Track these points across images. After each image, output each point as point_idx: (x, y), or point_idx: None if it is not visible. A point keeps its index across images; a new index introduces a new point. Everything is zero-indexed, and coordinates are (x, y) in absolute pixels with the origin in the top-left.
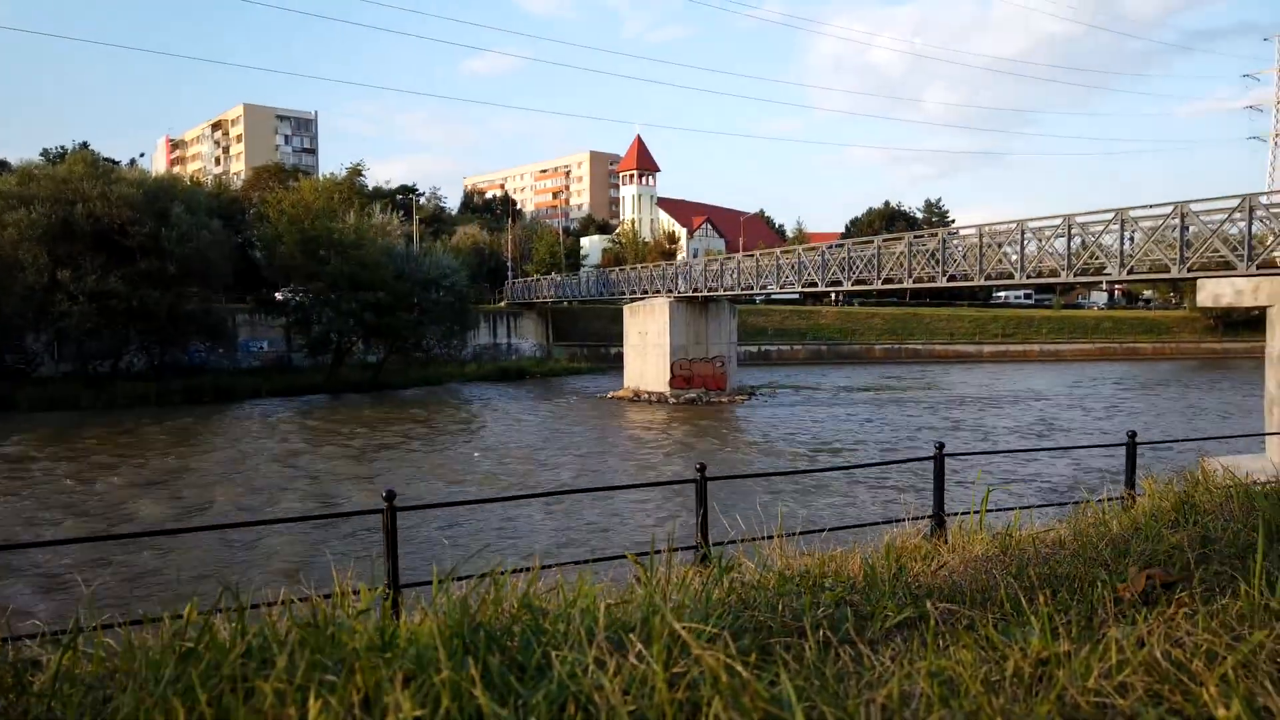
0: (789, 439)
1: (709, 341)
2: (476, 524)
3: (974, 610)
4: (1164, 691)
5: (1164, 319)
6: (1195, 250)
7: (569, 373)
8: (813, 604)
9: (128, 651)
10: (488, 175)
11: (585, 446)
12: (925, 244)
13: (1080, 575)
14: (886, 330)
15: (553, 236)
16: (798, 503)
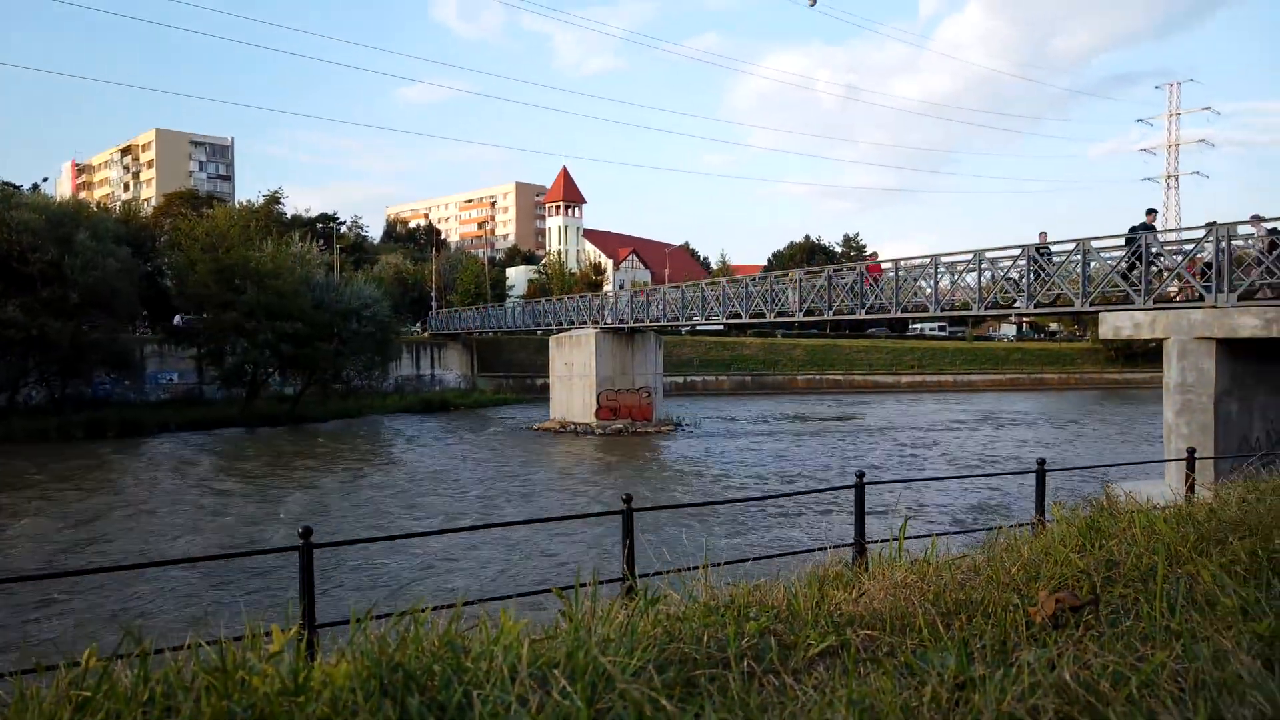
0: (715, 469)
1: (635, 373)
2: (397, 560)
3: (894, 637)
4: (1073, 713)
5: (1069, 350)
6: (1096, 285)
7: (494, 404)
8: (737, 635)
9: (19, 703)
10: (411, 204)
11: (510, 479)
12: (845, 277)
13: (994, 600)
14: (808, 361)
15: (478, 267)
16: (724, 532)
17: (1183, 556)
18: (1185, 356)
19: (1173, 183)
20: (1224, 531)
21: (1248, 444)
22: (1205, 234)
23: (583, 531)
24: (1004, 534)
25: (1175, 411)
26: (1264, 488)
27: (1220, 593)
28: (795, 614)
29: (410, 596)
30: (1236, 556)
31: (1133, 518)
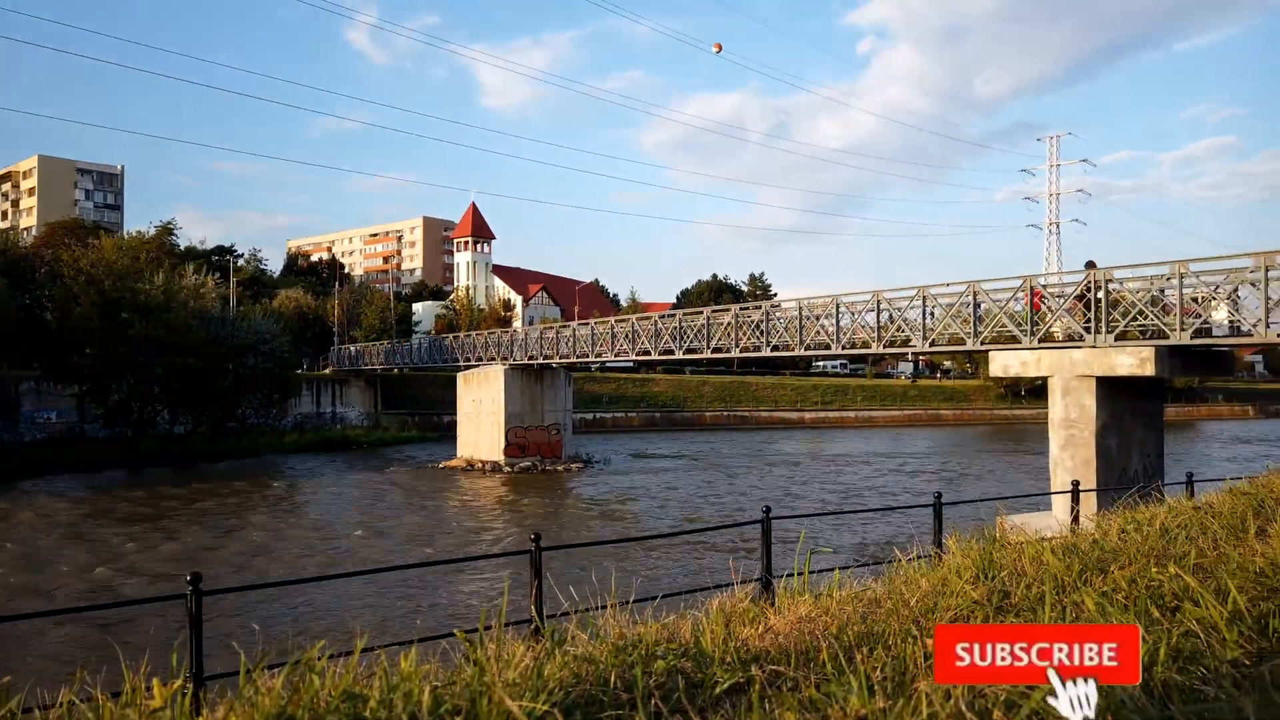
0: (625, 506)
1: (544, 409)
2: (292, 607)
3: (798, 671)
4: None
5: (962, 388)
6: (987, 325)
7: (399, 442)
8: (645, 674)
9: None
10: (314, 238)
11: (414, 519)
12: (751, 315)
13: (894, 632)
14: (717, 398)
15: (383, 301)
16: (635, 569)
17: (1068, 585)
18: (1068, 393)
19: (1054, 229)
20: (1105, 561)
21: (1126, 476)
22: (1084, 279)
23: (490, 572)
24: (903, 567)
25: (1060, 446)
26: (1141, 518)
27: (1102, 620)
28: (703, 651)
29: (305, 644)
30: (1117, 585)
31: (1022, 549)
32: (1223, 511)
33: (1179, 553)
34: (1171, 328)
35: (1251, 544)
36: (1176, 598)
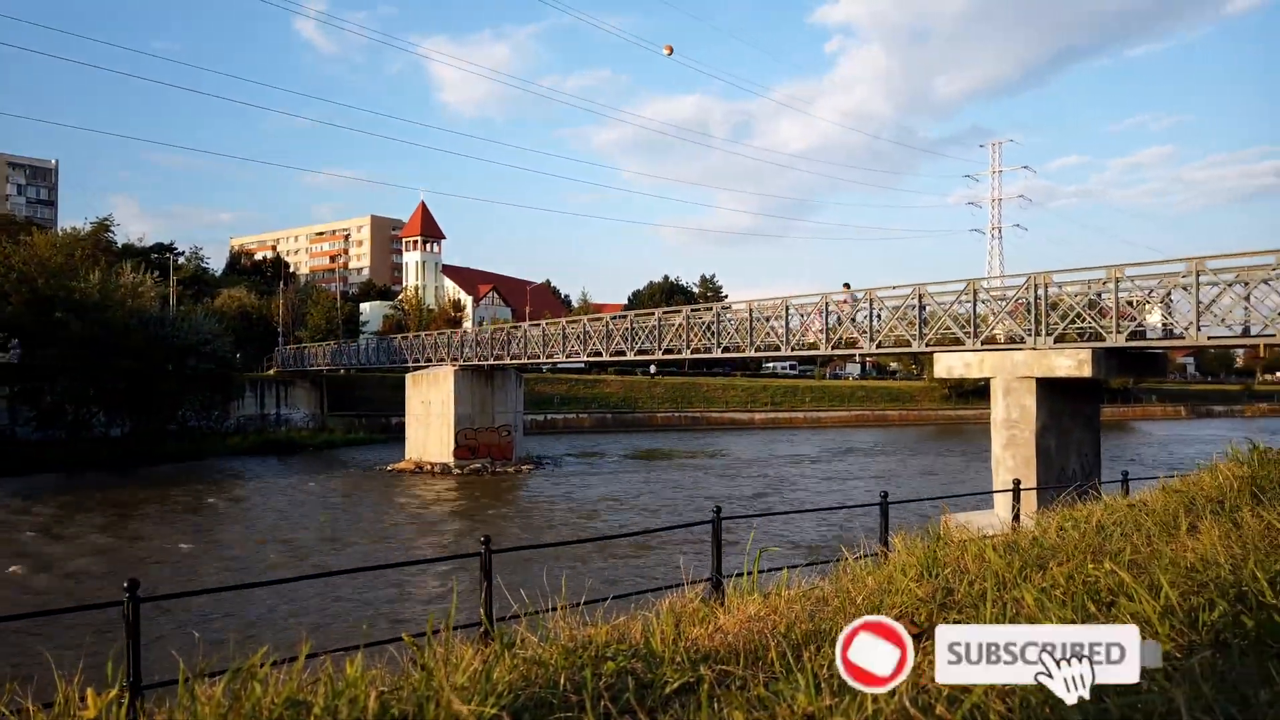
0: (576, 507)
1: (495, 411)
2: (236, 613)
3: (747, 670)
4: None
5: (908, 389)
6: (932, 327)
7: (346, 444)
8: (595, 676)
9: None
10: (258, 236)
11: (362, 522)
12: (702, 317)
13: (841, 630)
14: (668, 399)
15: (329, 301)
16: (586, 571)
17: (1009, 582)
18: (1010, 394)
19: (996, 234)
20: (1045, 558)
21: (1065, 475)
22: (1024, 282)
23: (439, 575)
24: (850, 565)
25: (1002, 445)
26: (1078, 516)
27: (1041, 615)
28: (653, 652)
29: (247, 652)
30: (1055, 581)
31: (965, 547)
32: (1156, 509)
33: (1114, 549)
34: (1108, 330)
35: (1183, 540)
36: (1112, 593)
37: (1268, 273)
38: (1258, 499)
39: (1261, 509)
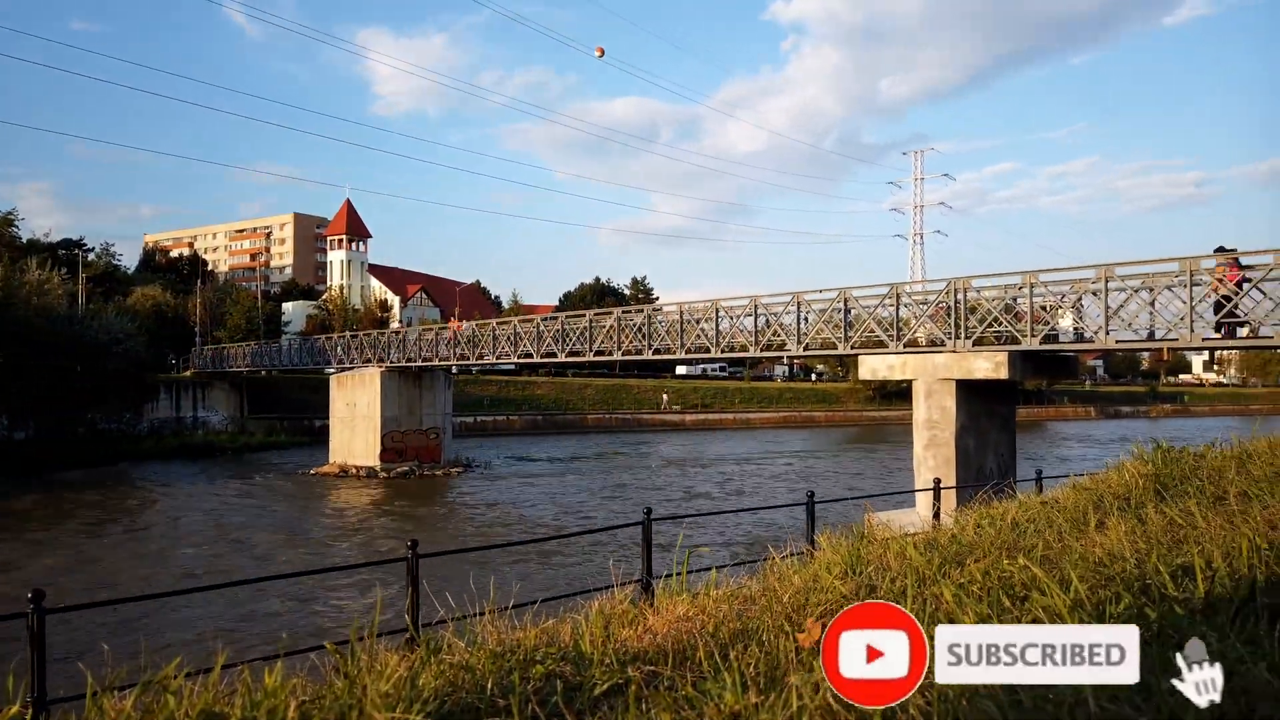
0: (506, 510)
1: (423, 413)
2: (149, 624)
3: (675, 671)
4: None
5: (834, 390)
6: (857, 330)
7: (267, 447)
8: (523, 680)
9: None
10: (174, 232)
11: (284, 527)
12: (633, 319)
13: (768, 628)
14: (599, 400)
15: (250, 301)
16: (516, 574)
17: (929, 578)
18: (931, 396)
19: (918, 240)
20: (963, 554)
21: (983, 474)
22: (945, 287)
23: (364, 581)
24: (777, 564)
25: (923, 445)
26: (994, 514)
27: (958, 610)
28: (582, 654)
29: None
30: (973, 576)
31: (888, 544)
32: (1067, 506)
33: (1028, 545)
34: (1023, 334)
35: (1092, 536)
36: (1025, 587)
37: (1171, 279)
38: (1161, 496)
39: (1164, 505)
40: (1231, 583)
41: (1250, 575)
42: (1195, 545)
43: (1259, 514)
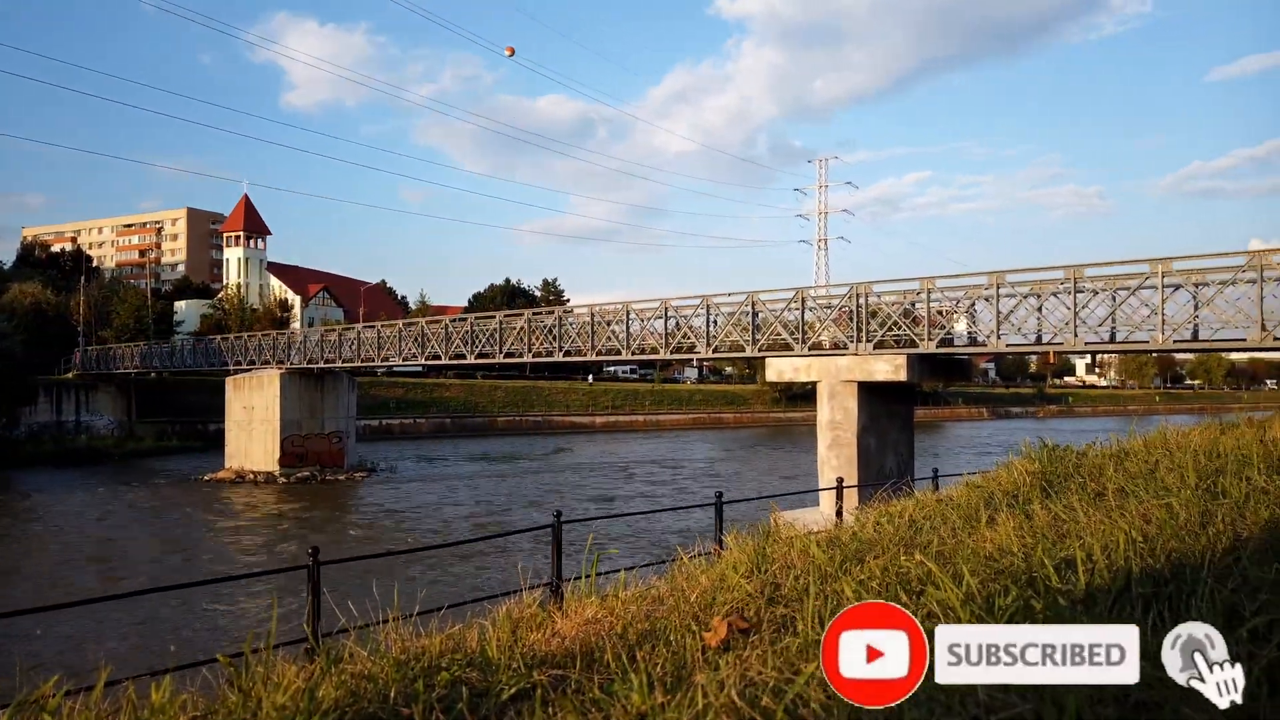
0: (414, 515)
1: (325, 416)
2: (28, 639)
3: (583, 673)
4: None
5: (742, 392)
6: (764, 333)
7: (158, 453)
8: (427, 687)
9: None
10: (56, 226)
11: (172, 536)
12: (544, 320)
13: (675, 628)
14: (509, 402)
15: (139, 299)
16: (423, 580)
17: (831, 575)
18: (834, 397)
19: (823, 246)
20: (863, 551)
21: (883, 473)
22: (848, 292)
23: (262, 591)
24: (685, 564)
25: (827, 446)
26: (893, 511)
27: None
28: (489, 660)
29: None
30: (872, 572)
31: (792, 543)
32: (960, 503)
33: (924, 541)
34: (921, 337)
35: (983, 532)
36: (921, 582)
37: (1056, 286)
38: (1047, 493)
39: (1050, 502)
40: (1110, 574)
41: (1126, 566)
42: (1077, 539)
43: (1135, 509)
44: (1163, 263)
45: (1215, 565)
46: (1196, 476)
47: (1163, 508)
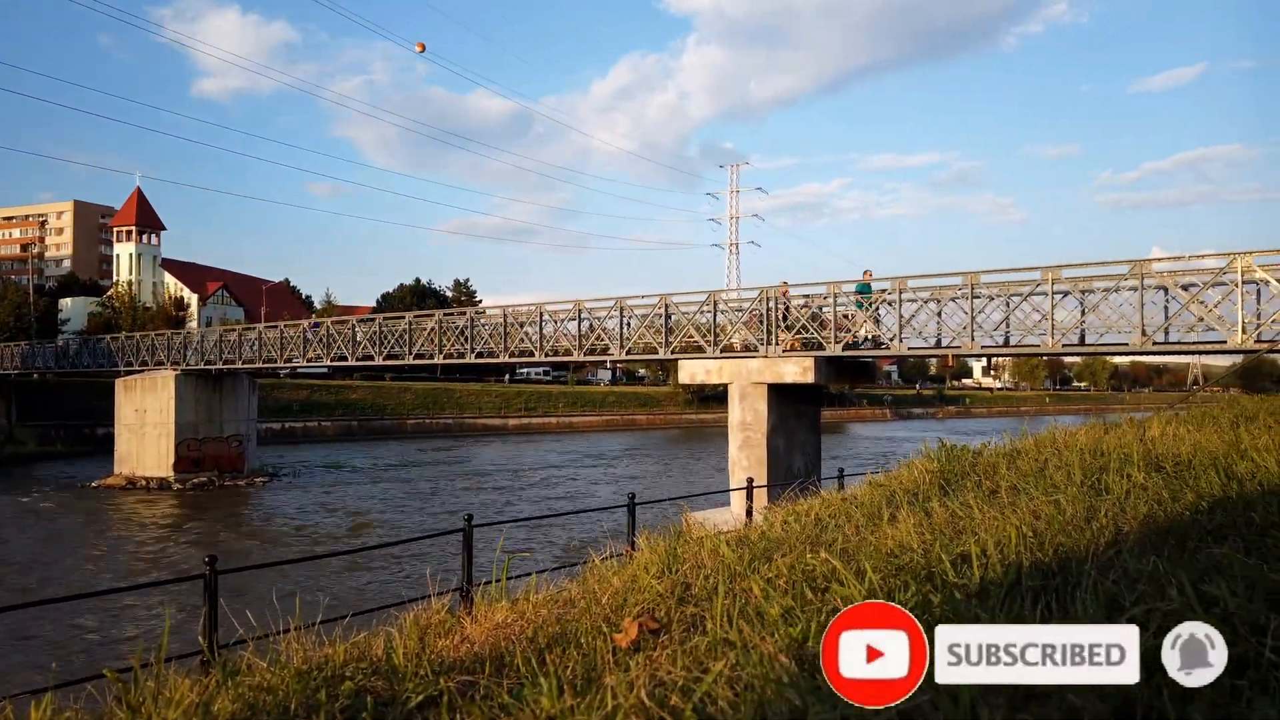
0: (317, 521)
1: (224, 419)
2: None
3: (492, 679)
4: None
5: (655, 394)
6: (677, 335)
7: (42, 458)
8: (330, 698)
9: None
10: None
11: (59, 546)
12: (456, 321)
13: (586, 630)
14: (419, 405)
15: (19, 295)
16: (327, 588)
17: (740, 574)
18: (745, 399)
19: (734, 250)
20: (771, 550)
21: (791, 473)
22: (758, 295)
23: (155, 602)
24: (597, 566)
25: (738, 446)
26: (800, 510)
27: (766, 604)
28: (395, 667)
29: None
30: (779, 571)
31: (703, 543)
32: (864, 502)
33: (829, 539)
34: (828, 340)
35: (885, 529)
36: (826, 579)
37: (955, 292)
38: (945, 491)
39: (947, 499)
40: (1002, 568)
41: (1018, 561)
42: (973, 535)
43: (1025, 505)
44: (1053, 270)
45: (1099, 558)
46: (1082, 474)
47: (1051, 504)
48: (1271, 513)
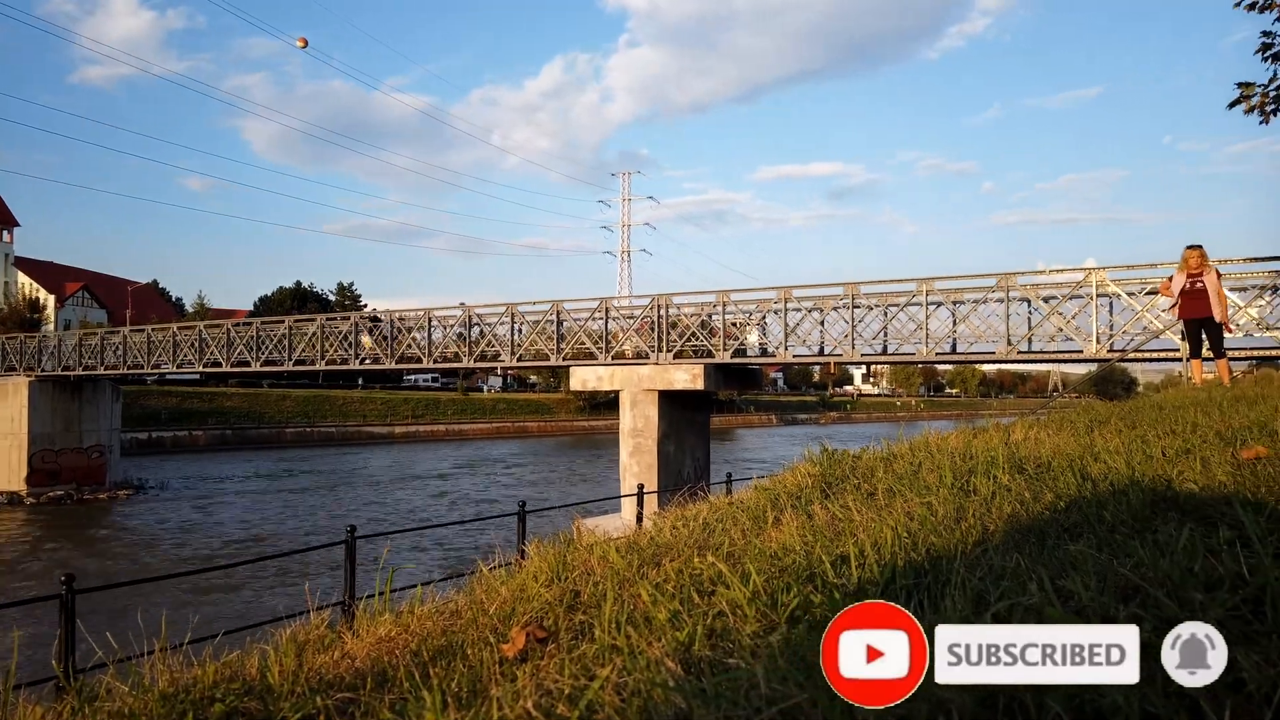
0: (186, 536)
1: (84, 429)
2: None
3: (374, 695)
4: None
5: (547, 400)
6: (569, 342)
7: None
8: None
9: None
10: None
11: None
12: (339, 326)
13: (472, 641)
14: (299, 412)
15: None
16: (197, 607)
17: (629, 580)
18: (636, 405)
19: (626, 257)
20: (660, 555)
21: (681, 478)
22: (649, 303)
23: (3, 626)
24: (485, 576)
25: (629, 452)
26: (689, 515)
27: (654, 609)
28: (270, 687)
29: None
30: (668, 575)
31: (593, 549)
32: (750, 506)
33: (716, 543)
34: (717, 348)
35: (770, 532)
36: (713, 582)
37: (837, 302)
38: (826, 494)
39: (829, 502)
40: (879, 568)
41: (893, 560)
42: (851, 536)
43: (900, 507)
44: (927, 282)
45: (967, 556)
46: (953, 476)
47: (924, 505)
48: (1121, 511)
